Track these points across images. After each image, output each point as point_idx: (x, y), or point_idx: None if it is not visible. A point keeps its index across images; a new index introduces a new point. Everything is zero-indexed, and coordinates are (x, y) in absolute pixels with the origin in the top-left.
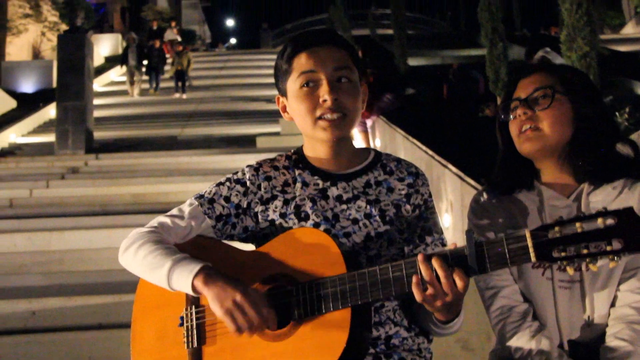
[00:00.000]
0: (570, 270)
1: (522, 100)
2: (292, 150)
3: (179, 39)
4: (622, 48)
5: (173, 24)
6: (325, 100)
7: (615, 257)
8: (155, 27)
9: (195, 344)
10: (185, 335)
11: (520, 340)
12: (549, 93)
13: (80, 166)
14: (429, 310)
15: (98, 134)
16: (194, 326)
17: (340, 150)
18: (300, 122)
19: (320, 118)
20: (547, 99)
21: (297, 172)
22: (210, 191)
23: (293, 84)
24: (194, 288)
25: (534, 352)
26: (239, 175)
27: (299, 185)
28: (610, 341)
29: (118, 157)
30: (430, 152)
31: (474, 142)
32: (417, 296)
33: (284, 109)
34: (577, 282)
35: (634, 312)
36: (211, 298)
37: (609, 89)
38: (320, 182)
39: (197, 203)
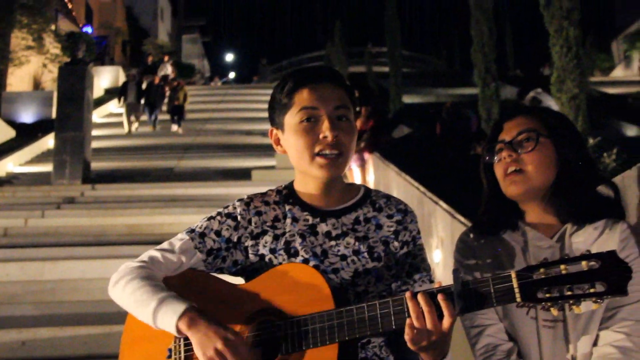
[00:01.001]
0: (554, 311)
1: (507, 143)
2: (283, 185)
3: (172, 74)
4: (612, 90)
5: (166, 58)
6: (325, 137)
7: (598, 300)
8: (150, 63)
9: None
10: None
11: None
12: (533, 136)
13: (76, 196)
14: (415, 351)
15: (95, 165)
16: (182, 358)
17: (331, 187)
18: (296, 156)
19: (318, 154)
20: (531, 142)
21: (287, 207)
22: (202, 225)
23: (292, 118)
24: (178, 330)
25: None
26: (230, 209)
27: (289, 220)
28: None
29: (114, 188)
30: (422, 189)
31: (466, 180)
32: (406, 335)
33: (277, 141)
34: (560, 322)
35: (616, 351)
36: (195, 344)
37: (598, 129)
38: (310, 218)
39: (188, 237)
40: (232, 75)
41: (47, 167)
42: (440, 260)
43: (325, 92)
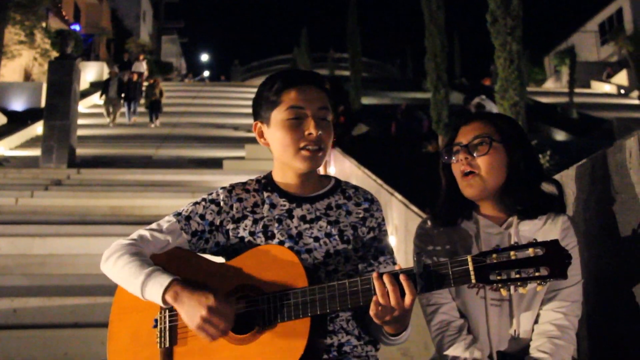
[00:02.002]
0: (503, 292)
1: (463, 146)
2: (262, 175)
3: (146, 72)
4: (544, 100)
5: (141, 57)
6: (310, 134)
7: (542, 282)
8: (126, 59)
9: (168, 345)
10: (159, 336)
11: (456, 351)
12: (487, 141)
13: (63, 179)
14: (378, 324)
15: (80, 151)
16: (167, 328)
17: (307, 178)
18: (280, 149)
19: (302, 148)
20: (485, 146)
21: (265, 194)
22: (187, 209)
23: (280, 114)
24: (164, 301)
25: None
26: (214, 196)
27: (267, 206)
28: (534, 353)
29: (98, 172)
30: (379, 181)
31: (417, 174)
32: (371, 310)
33: (261, 134)
34: (506, 301)
35: (554, 329)
36: (182, 314)
37: (533, 133)
38: (286, 203)
39: (175, 220)
40: (206, 73)
41: (35, 152)
42: (395, 245)
43: (311, 94)
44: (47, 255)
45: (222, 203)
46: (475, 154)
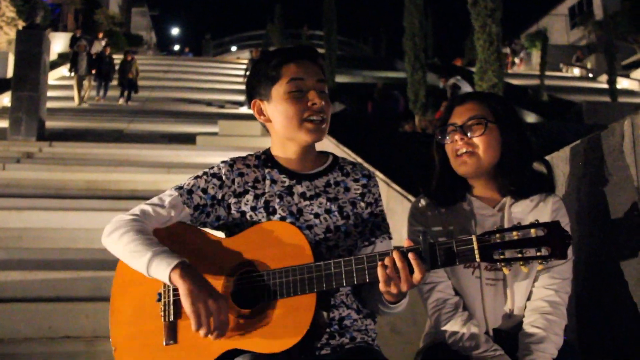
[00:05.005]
0: (506, 270)
1: (458, 127)
2: (261, 151)
3: (107, 51)
4: (515, 82)
5: (100, 35)
6: (314, 104)
7: (543, 262)
8: (79, 35)
9: (172, 318)
10: (163, 309)
11: (454, 327)
12: (482, 122)
13: (35, 152)
14: (377, 294)
15: (48, 124)
16: (171, 302)
17: (307, 153)
18: (285, 122)
19: (306, 120)
20: (480, 127)
21: (266, 170)
22: (189, 183)
23: (281, 88)
24: (170, 279)
25: (465, 336)
26: (215, 170)
27: (268, 182)
28: (527, 328)
29: (70, 145)
30: (360, 160)
31: (395, 154)
32: (381, 286)
33: (260, 111)
34: (500, 280)
35: (547, 305)
36: (185, 292)
37: None
38: (287, 180)
39: (177, 194)
40: (176, 47)
41: (2, 124)
42: None
43: (309, 67)
44: (23, 229)
45: (224, 177)
46: (470, 135)
